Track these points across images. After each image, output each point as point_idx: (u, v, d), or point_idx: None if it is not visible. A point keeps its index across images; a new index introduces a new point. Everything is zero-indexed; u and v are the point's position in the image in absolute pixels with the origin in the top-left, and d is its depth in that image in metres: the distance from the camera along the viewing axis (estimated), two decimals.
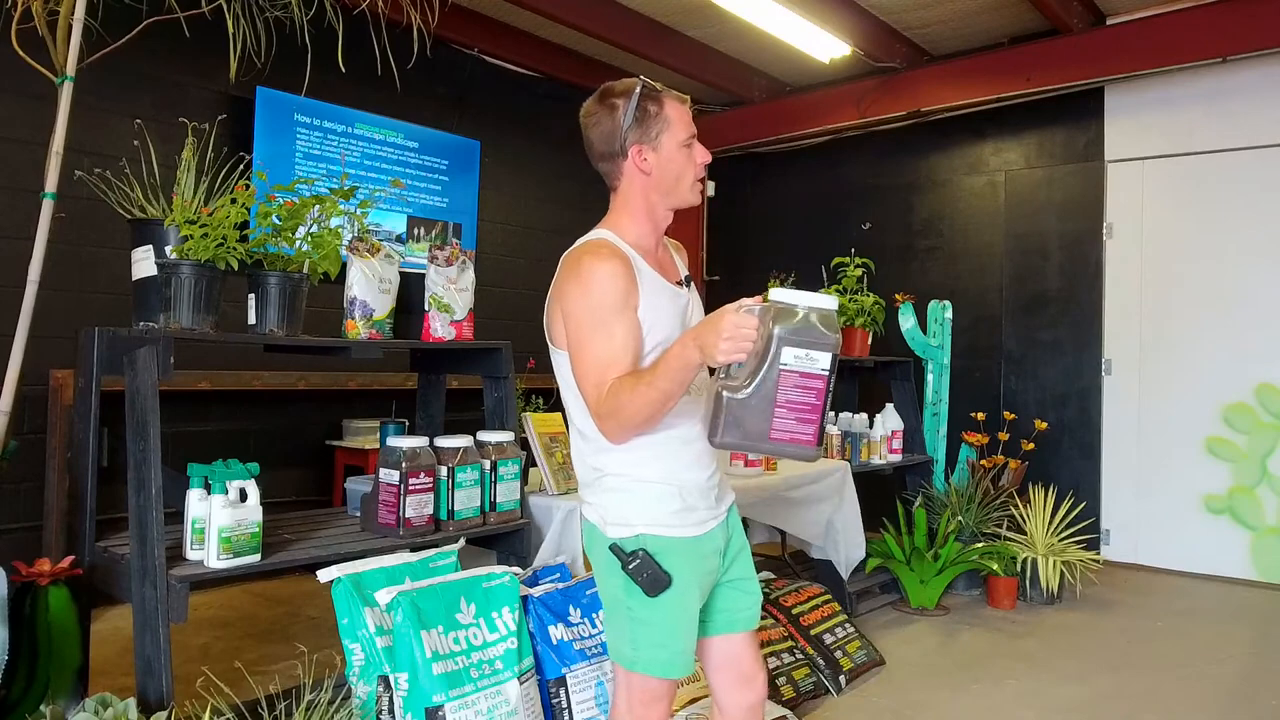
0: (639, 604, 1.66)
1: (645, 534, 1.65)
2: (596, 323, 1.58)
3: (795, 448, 1.46)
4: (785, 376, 1.43)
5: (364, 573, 2.22)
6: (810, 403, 1.44)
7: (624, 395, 1.53)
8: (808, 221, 6.43)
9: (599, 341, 1.58)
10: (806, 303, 1.46)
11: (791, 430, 1.45)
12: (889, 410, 4.54)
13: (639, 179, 1.70)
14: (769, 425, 1.45)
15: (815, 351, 1.43)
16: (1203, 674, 3.45)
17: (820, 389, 1.44)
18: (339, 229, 2.46)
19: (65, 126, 2.31)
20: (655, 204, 1.72)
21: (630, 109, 1.67)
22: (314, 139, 4.68)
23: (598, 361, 1.57)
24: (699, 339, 1.45)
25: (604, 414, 1.57)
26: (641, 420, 1.56)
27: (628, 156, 1.69)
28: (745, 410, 1.45)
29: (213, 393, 4.23)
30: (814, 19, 4.90)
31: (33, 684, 2.00)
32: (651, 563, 1.63)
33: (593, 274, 1.59)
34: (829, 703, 3.08)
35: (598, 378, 1.57)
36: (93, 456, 2.22)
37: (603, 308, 1.58)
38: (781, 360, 1.43)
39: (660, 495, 1.66)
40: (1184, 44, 4.83)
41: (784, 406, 1.44)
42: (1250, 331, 4.84)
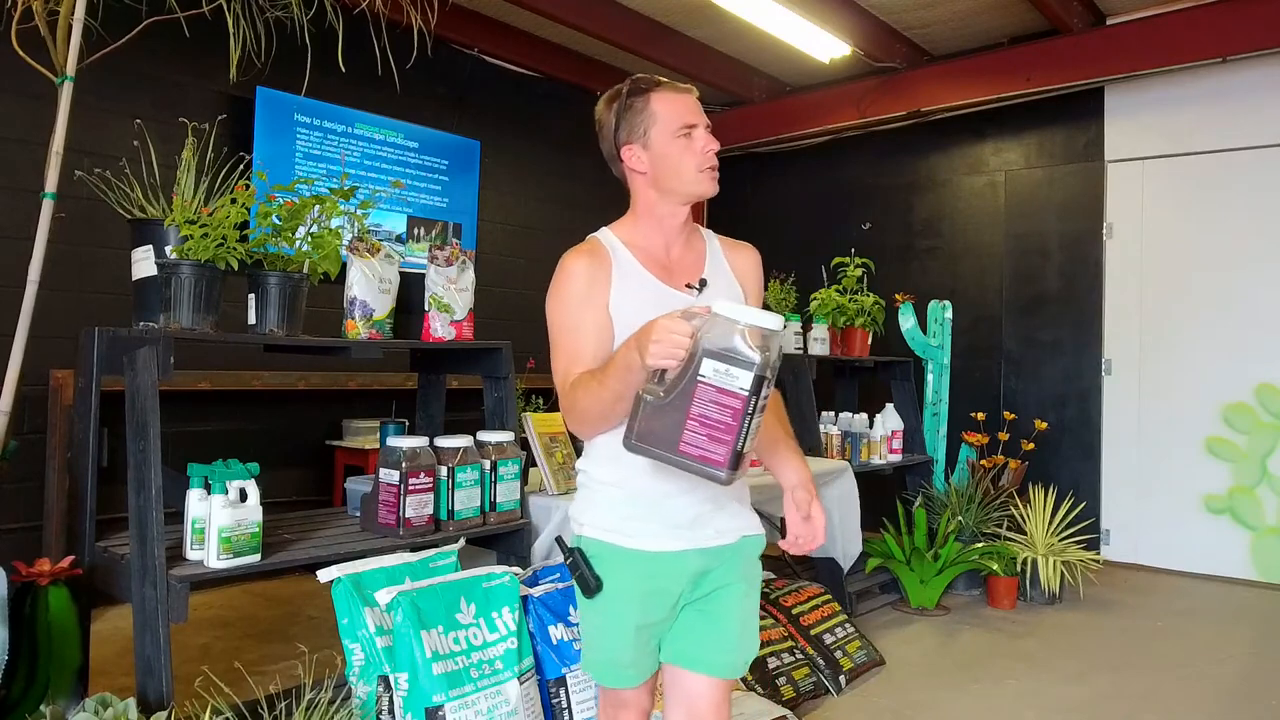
0: (581, 603, 1.68)
1: (586, 535, 1.65)
2: (562, 319, 1.60)
3: (703, 466, 1.37)
4: (701, 389, 1.36)
5: (364, 573, 2.22)
6: (725, 421, 1.35)
7: (579, 392, 1.54)
8: (808, 221, 6.43)
9: (564, 338, 1.60)
10: (747, 319, 1.37)
11: (701, 446, 1.37)
12: (889, 410, 4.54)
13: (637, 178, 1.68)
14: (679, 436, 1.38)
15: (736, 369, 1.35)
16: (1203, 674, 3.45)
17: (737, 409, 1.35)
18: (339, 229, 2.46)
19: (65, 126, 2.31)
20: (655, 201, 1.67)
21: (616, 110, 1.65)
22: (314, 139, 4.68)
23: (563, 356, 1.59)
24: (637, 340, 1.41)
25: (565, 409, 1.59)
26: (594, 417, 1.55)
27: (621, 158, 1.67)
28: (659, 417, 1.39)
29: (213, 393, 4.23)
30: (814, 19, 4.90)
31: (33, 684, 2.00)
32: (583, 563, 1.63)
33: (560, 271, 1.62)
34: (829, 703, 3.08)
35: (563, 373, 1.59)
36: (93, 456, 2.22)
37: (567, 303, 1.60)
38: (700, 371, 1.36)
39: (610, 499, 1.63)
40: (1184, 44, 4.83)
41: (696, 420, 1.36)
42: (1250, 331, 4.84)
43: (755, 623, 1.73)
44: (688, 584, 1.64)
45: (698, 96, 1.69)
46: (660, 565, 1.61)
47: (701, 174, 1.64)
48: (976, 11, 5.11)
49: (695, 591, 1.65)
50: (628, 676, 1.66)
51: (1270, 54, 4.67)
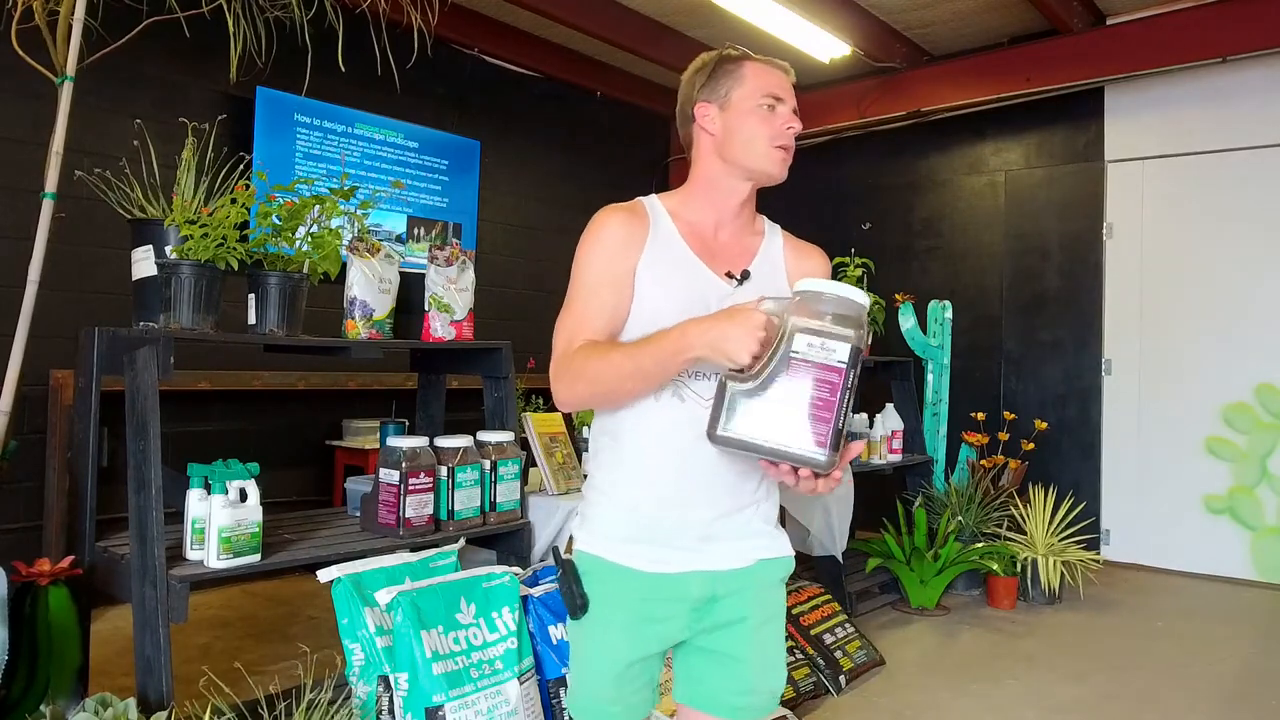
0: (569, 627, 1.52)
1: (580, 549, 1.49)
2: (583, 276, 1.43)
3: (804, 451, 1.24)
4: (796, 366, 1.25)
5: (364, 573, 2.22)
6: (823, 398, 1.24)
7: (593, 358, 1.36)
8: (808, 221, 6.37)
9: (579, 297, 1.43)
10: (834, 291, 1.29)
11: (800, 428, 1.24)
12: (889, 410, 4.54)
13: (705, 141, 1.52)
14: (774, 421, 1.25)
15: (832, 341, 1.25)
16: (1203, 674, 3.45)
17: (835, 384, 1.24)
18: (339, 229, 2.46)
19: (65, 126, 2.31)
20: (718, 173, 1.51)
21: (707, 68, 1.52)
22: (314, 139, 4.68)
23: (572, 317, 1.42)
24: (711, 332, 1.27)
25: (562, 371, 1.40)
26: (603, 388, 1.38)
27: (695, 118, 1.52)
28: (749, 402, 1.26)
29: (213, 393, 4.23)
30: (814, 19, 4.90)
31: (33, 684, 2.00)
32: (569, 580, 1.46)
33: (593, 226, 1.46)
34: (829, 703, 3.08)
35: (568, 334, 1.41)
36: (93, 456, 2.22)
37: (591, 261, 1.43)
38: (794, 347, 1.25)
39: (613, 515, 1.46)
40: (1184, 44, 4.83)
41: (793, 401, 1.24)
42: (1250, 331, 4.84)
43: (779, 654, 1.52)
44: (689, 614, 1.44)
45: (794, 82, 1.54)
46: (658, 589, 1.43)
47: (774, 150, 1.48)
48: (976, 11, 5.11)
49: (700, 623, 1.46)
50: (611, 716, 1.46)
51: (1270, 54, 4.67)
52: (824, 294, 1.29)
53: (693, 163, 1.55)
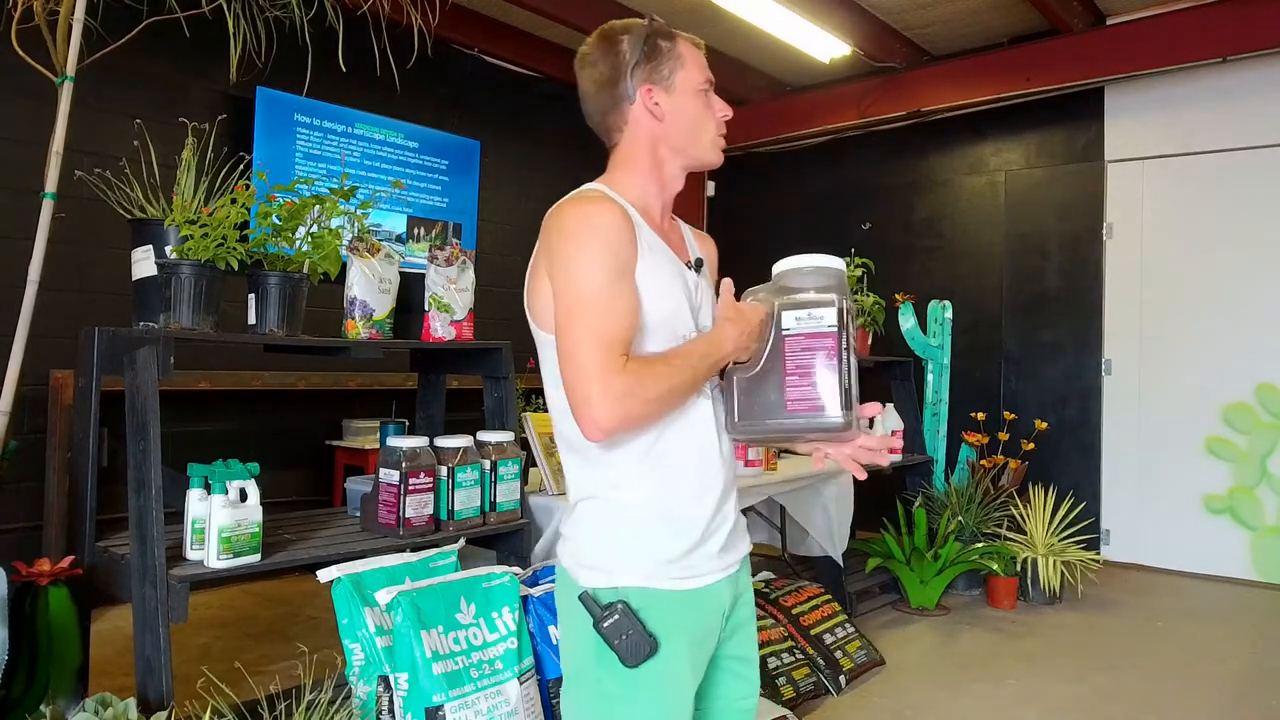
0: (612, 676, 1.27)
1: (628, 585, 1.28)
2: (600, 284, 1.25)
3: (817, 416, 1.28)
4: (790, 342, 1.30)
5: (364, 573, 2.22)
6: (824, 363, 1.28)
7: (653, 374, 1.24)
8: (808, 221, 6.43)
9: (600, 309, 1.24)
10: (807, 263, 1.35)
11: (809, 397, 1.28)
12: (889, 410, 4.54)
13: (647, 126, 1.40)
14: (783, 398, 1.29)
15: (817, 309, 1.30)
16: (1203, 674, 3.45)
17: (831, 348, 1.28)
18: (339, 229, 2.46)
19: (65, 126, 2.31)
20: (665, 159, 1.41)
21: (638, 44, 1.39)
22: (314, 139, 4.68)
23: (599, 334, 1.23)
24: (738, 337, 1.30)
25: (622, 391, 1.20)
26: (666, 408, 1.28)
27: (635, 99, 1.39)
28: (755, 389, 1.31)
29: (213, 393, 4.23)
30: (814, 19, 4.90)
31: (33, 684, 2.00)
32: (633, 619, 1.26)
33: (588, 226, 1.28)
34: (829, 703, 3.08)
35: (603, 346, 1.22)
36: (93, 456, 2.22)
37: (606, 266, 1.26)
38: (783, 326, 1.31)
39: (651, 534, 1.30)
40: (1184, 44, 4.83)
41: (795, 374, 1.29)
42: (1250, 331, 4.84)
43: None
44: (722, 626, 1.38)
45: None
46: (710, 603, 1.34)
47: (715, 141, 1.44)
48: (976, 11, 5.11)
49: (723, 634, 1.39)
50: None
51: (1270, 54, 4.67)
52: (799, 269, 1.35)
53: (630, 146, 1.42)
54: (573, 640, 1.33)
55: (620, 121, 1.42)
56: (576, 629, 1.31)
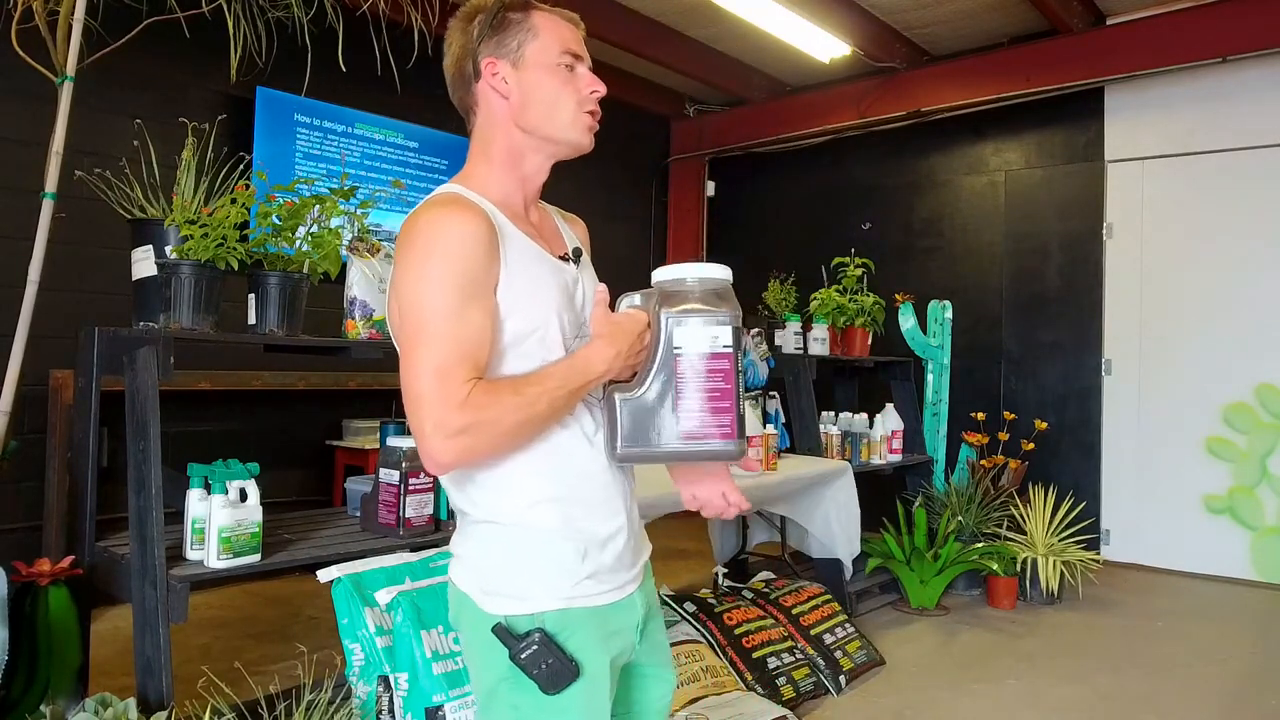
0: (529, 703, 1.19)
1: (545, 610, 1.20)
2: (444, 300, 1.13)
3: (712, 444, 1.19)
4: (683, 361, 1.19)
5: (364, 573, 2.22)
6: (720, 387, 1.19)
7: (499, 402, 1.13)
8: (808, 221, 6.43)
9: (445, 326, 1.13)
10: (694, 274, 1.23)
11: (705, 424, 1.19)
12: (889, 410, 4.54)
13: (496, 105, 1.28)
14: (677, 422, 1.19)
15: (714, 327, 1.19)
16: (1203, 674, 3.45)
17: (727, 369, 1.19)
18: (339, 229, 2.46)
19: (65, 126, 2.31)
20: (520, 143, 1.29)
21: (487, 18, 1.28)
22: (314, 139, 4.68)
23: (439, 351, 1.12)
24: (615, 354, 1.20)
25: (460, 426, 1.10)
26: (517, 440, 1.18)
27: (480, 75, 1.28)
28: (644, 411, 1.19)
29: (213, 393, 4.23)
30: (814, 19, 4.90)
31: (33, 684, 2.00)
32: (552, 648, 1.17)
33: (435, 234, 1.16)
34: (829, 703, 3.08)
35: (440, 373, 1.11)
36: (93, 456, 2.22)
37: (454, 279, 1.14)
38: (675, 344, 1.19)
39: (561, 554, 1.21)
40: (1184, 44, 4.83)
41: (688, 398, 1.19)
42: (1250, 331, 4.84)
43: None
44: (636, 637, 1.32)
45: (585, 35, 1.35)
46: (623, 620, 1.28)
47: (580, 116, 1.29)
48: (976, 11, 5.11)
49: (638, 643, 1.33)
50: None
51: (1270, 54, 4.67)
52: (687, 280, 1.23)
53: (483, 131, 1.31)
54: (483, 666, 1.23)
55: (471, 102, 1.31)
56: (486, 655, 1.22)
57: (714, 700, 2.74)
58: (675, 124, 6.88)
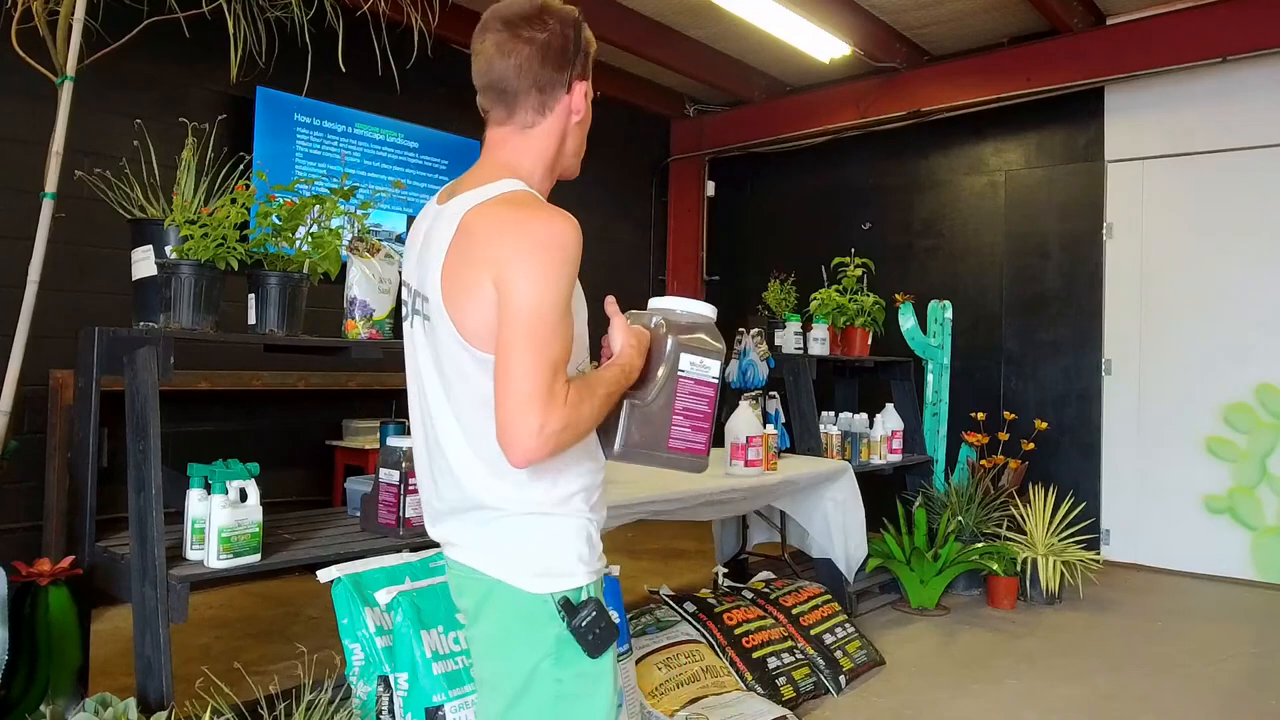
0: (574, 673, 1.30)
1: (589, 583, 1.33)
2: (559, 310, 1.21)
3: (690, 458, 1.42)
4: (682, 383, 1.40)
5: (364, 573, 2.22)
6: (703, 410, 1.42)
7: (584, 405, 1.22)
8: (808, 221, 6.43)
9: (558, 334, 1.21)
10: (687, 309, 1.44)
11: (687, 439, 1.41)
12: (889, 410, 4.54)
13: (565, 122, 1.35)
14: (667, 433, 1.40)
15: (708, 359, 1.41)
16: (1203, 674, 3.45)
17: (711, 397, 1.42)
18: (339, 229, 2.46)
19: (65, 126, 2.31)
20: (565, 155, 1.38)
21: (579, 33, 1.33)
22: (314, 139, 4.68)
23: (552, 354, 1.19)
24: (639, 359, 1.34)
25: (562, 424, 1.19)
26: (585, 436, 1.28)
27: (571, 89, 1.33)
28: (646, 420, 1.39)
29: (213, 393, 4.23)
30: (814, 19, 4.90)
31: (33, 684, 2.00)
32: (604, 613, 1.31)
33: (565, 242, 1.22)
34: (829, 703, 3.08)
35: (553, 376, 1.19)
36: (93, 456, 2.22)
37: (566, 286, 1.22)
38: (680, 367, 1.40)
39: (590, 534, 1.36)
40: (1184, 44, 4.83)
41: (681, 414, 1.40)
42: (1250, 331, 4.84)
43: None
44: None
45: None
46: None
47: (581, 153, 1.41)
48: (976, 11, 5.11)
49: None
50: None
51: (1270, 54, 4.67)
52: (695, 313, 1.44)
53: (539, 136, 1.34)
54: (521, 654, 1.31)
55: (546, 105, 1.32)
56: (532, 635, 1.30)
57: (714, 700, 2.74)
58: (675, 124, 6.88)
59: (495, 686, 1.35)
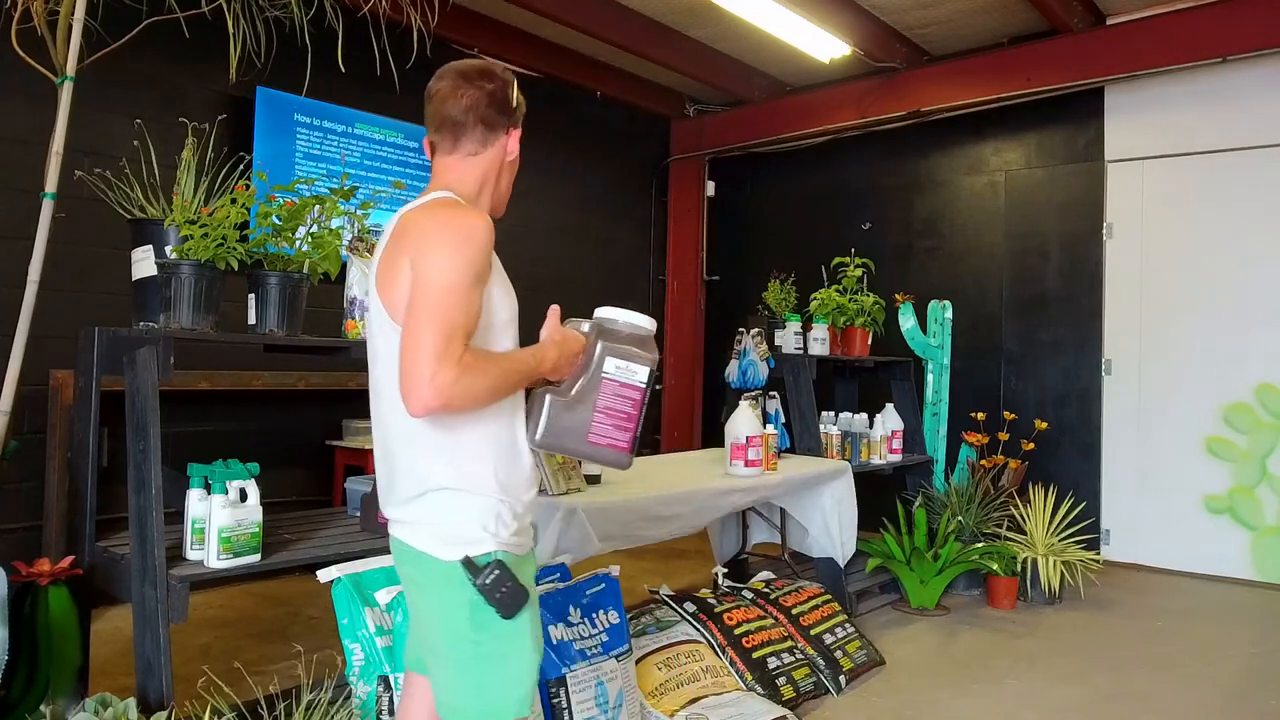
0: (490, 635, 1.47)
1: (495, 551, 1.49)
2: (463, 281, 1.42)
3: (610, 452, 1.56)
4: (606, 384, 1.55)
5: (364, 573, 2.22)
6: (627, 411, 1.56)
7: (491, 361, 1.43)
8: (808, 221, 6.42)
9: (457, 304, 1.40)
10: (627, 320, 1.60)
11: (609, 435, 1.55)
12: (889, 410, 4.54)
13: (503, 157, 1.63)
14: (588, 428, 1.55)
15: (635, 365, 1.56)
16: (1203, 674, 3.45)
17: (637, 400, 1.56)
18: (339, 229, 2.46)
19: (65, 126, 2.31)
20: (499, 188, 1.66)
21: (515, 93, 1.64)
22: (314, 139, 4.68)
23: (448, 323, 1.38)
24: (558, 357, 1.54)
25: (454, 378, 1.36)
26: (495, 394, 1.45)
27: (509, 133, 1.62)
28: (566, 413, 1.55)
29: (213, 393, 4.23)
30: (814, 19, 4.90)
31: (33, 684, 2.00)
32: (509, 575, 1.46)
33: (473, 228, 1.46)
34: (829, 703, 3.08)
35: (451, 331, 1.38)
36: (93, 456, 2.22)
37: (473, 269, 1.43)
38: (605, 369, 1.55)
39: (500, 511, 1.51)
40: (1184, 44, 4.83)
41: (602, 412, 1.55)
42: (1250, 331, 4.84)
43: None
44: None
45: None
46: (533, 566, 1.66)
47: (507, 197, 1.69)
48: (976, 11, 5.11)
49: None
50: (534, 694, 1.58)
51: (1270, 54, 4.67)
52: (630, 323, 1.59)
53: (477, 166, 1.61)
54: (442, 614, 1.50)
55: (488, 140, 1.60)
56: (450, 597, 1.48)
57: (714, 700, 2.74)
58: (675, 124, 6.88)
59: (429, 649, 1.55)
